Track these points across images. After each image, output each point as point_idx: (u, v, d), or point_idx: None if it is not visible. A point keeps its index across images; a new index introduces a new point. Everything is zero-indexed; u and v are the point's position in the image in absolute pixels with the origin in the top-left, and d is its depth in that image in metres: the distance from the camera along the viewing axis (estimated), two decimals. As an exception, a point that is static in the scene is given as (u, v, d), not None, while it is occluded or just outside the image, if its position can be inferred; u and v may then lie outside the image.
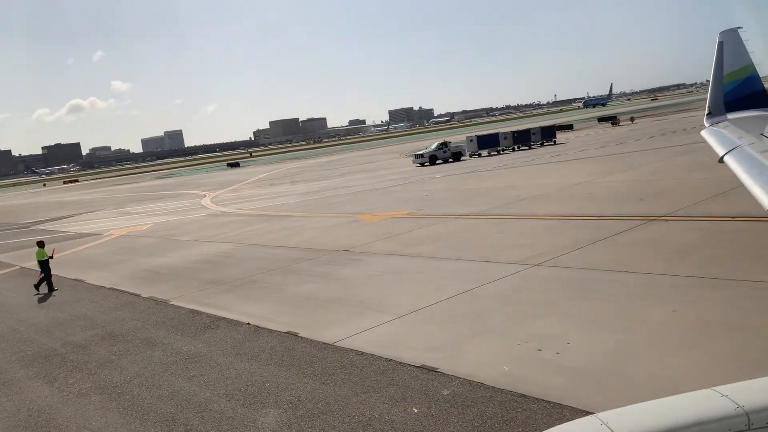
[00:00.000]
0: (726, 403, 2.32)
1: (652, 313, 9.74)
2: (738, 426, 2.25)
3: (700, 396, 2.45)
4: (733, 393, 2.38)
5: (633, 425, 2.30)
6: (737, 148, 8.27)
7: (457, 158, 53.25)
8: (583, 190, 24.00)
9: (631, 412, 2.44)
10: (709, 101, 12.02)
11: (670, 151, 33.75)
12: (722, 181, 20.49)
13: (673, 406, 2.42)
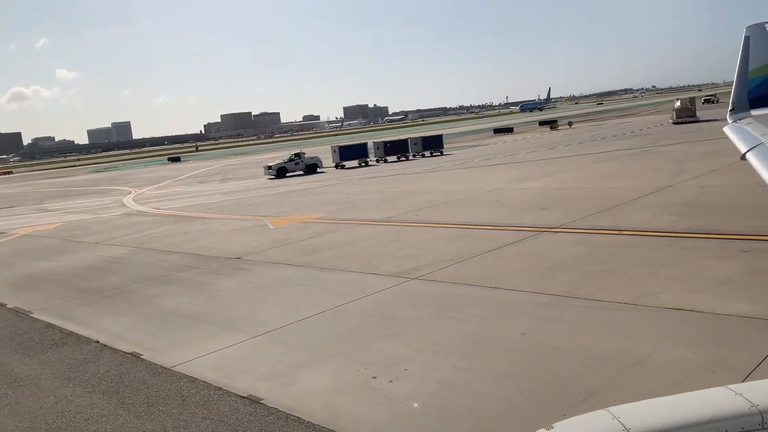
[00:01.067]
0: (740, 402, 2.25)
1: (498, 337, 9.38)
2: (752, 425, 2.18)
3: (714, 394, 2.38)
4: (748, 392, 2.32)
5: (644, 420, 2.21)
6: (760, 145, 7.96)
7: (312, 170, 49.08)
8: (494, 197, 23.84)
9: (643, 406, 2.37)
10: (732, 96, 11.58)
11: (594, 158, 34.12)
12: (632, 191, 20.68)
13: (686, 403, 2.36)
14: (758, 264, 11.41)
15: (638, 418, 2.27)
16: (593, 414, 2.40)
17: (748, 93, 11.39)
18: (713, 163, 25.56)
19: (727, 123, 11.16)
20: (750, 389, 2.40)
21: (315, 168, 49.36)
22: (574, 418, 2.44)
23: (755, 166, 7.31)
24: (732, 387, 2.44)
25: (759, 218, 14.85)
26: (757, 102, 11.23)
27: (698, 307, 9.62)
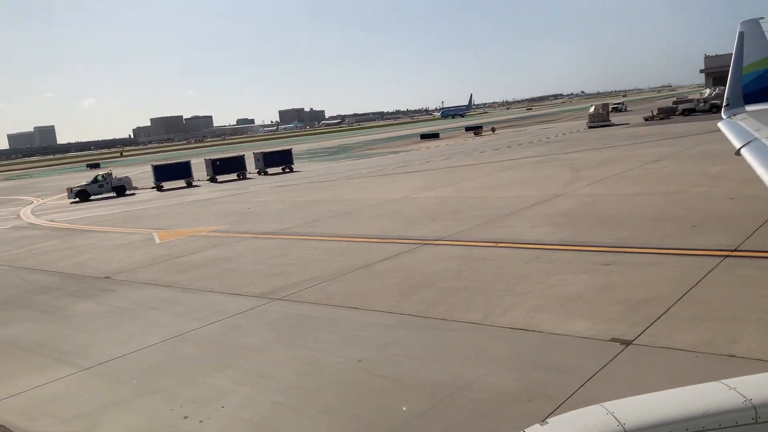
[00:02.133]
0: (734, 396, 2.23)
1: (334, 365, 8.91)
2: (745, 419, 2.16)
3: (708, 388, 2.35)
4: (741, 386, 2.28)
5: (639, 414, 2.17)
6: (754, 141, 7.81)
7: (121, 192, 44.85)
8: (393, 207, 23.54)
9: (638, 402, 2.34)
10: (727, 92, 11.56)
11: (501, 166, 34.48)
12: (523, 200, 20.76)
13: (680, 397, 2.33)
14: (612, 278, 11.41)
15: (632, 413, 2.23)
16: (588, 409, 2.35)
17: (743, 88, 11.46)
18: (609, 170, 26.19)
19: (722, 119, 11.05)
20: (744, 384, 2.36)
21: (123, 190, 45.06)
22: (569, 414, 2.38)
23: (750, 162, 7.20)
24: (726, 381, 2.40)
25: (631, 229, 15.07)
26: (751, 97, 11.25)
27: (541, 326, 9.45)
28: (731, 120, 10.35)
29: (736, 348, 7.85)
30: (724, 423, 2.23)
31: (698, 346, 8.04)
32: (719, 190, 18.74)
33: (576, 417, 2.36)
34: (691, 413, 2.25)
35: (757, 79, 11.32)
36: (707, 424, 2.22)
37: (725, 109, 11.47)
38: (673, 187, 20.31)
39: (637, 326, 8.93)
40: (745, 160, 7.91)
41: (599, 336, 8.79)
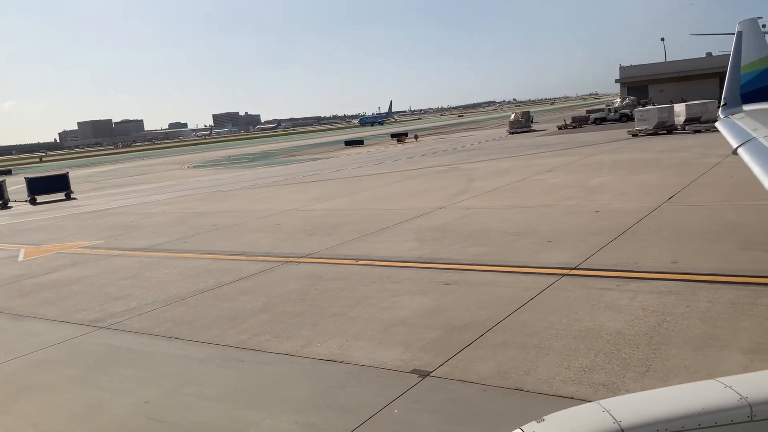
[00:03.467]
0: (729, 394, 2.22)
1: (118, 408, 8.17)
2: (740, 417, 2.15)
3: (704, 386, 2.35)
4: (737, 384, 2.28)
5: (635, 412, 2.16)
6: (751, 141, 7.67)
7: None
8: (279, 219, 22.84)
9: (634, 399, 2.36)
10: (725, 92, 11.40)
11: (404, 176, 34.36)
12: (405, 213, 20.45)
13: (676, 395, 2.34)
14: (445, 299, 11.13)
15: (629, 411, 2.22)
16: (584, 407, 2.35)
17: (740, 88, 11.40)
18: (499, 181, 26.41)
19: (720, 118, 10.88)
20: (739, 382, 2.35)
21: None
22: (565, 411, 2.37)
23: (746, 162, 7.12)
24: (722, 380, 2.39)
25: (490, 244, 14.94)
26: (749, 97, 11.19)
27: (352, 356, 9.00)
28: (729, 119, 10.32)
29: (526, 380, 7.61)
30: (720, 421, 2.21)
31: (492, 378, 7.76)
32: (590, 203, 19.01)
33: (572, 414, 2.34)
34: (686, 411, 2.24)
35: (754, 79, 11.35)
36: (703, 422, 2.21)
37: (723, 109, 11.46)
38: (549, 199, 20.51)
39: (443, 355, 8.61)
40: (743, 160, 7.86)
41: (402, 367, 8.42)
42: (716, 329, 8.42)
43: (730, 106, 11.31)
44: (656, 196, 18.56)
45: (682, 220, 15.30)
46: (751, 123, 8.98)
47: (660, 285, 10.59)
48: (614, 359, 7.89)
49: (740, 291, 9.86)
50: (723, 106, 11.62)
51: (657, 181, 21.72)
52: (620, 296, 10.25)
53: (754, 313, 8.83)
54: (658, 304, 9.68)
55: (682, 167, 24.40)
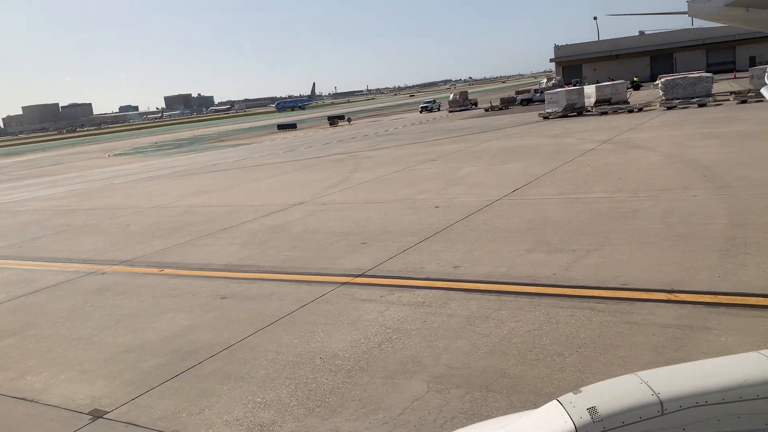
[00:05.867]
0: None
1: None
2: None
3: (745, 359, 2.29)
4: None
5: (674, 384, 2.13)
6: None
7: None
8: (134, 218, 21.77)
9: (673, 371, 2.32)
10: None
11: (299, 165, 33.50)
12: (264, 209, 19.55)
13: (716, 368, 2.28)
14: (204, 318, 10.41)
15: (667, 382, 2.18)
16: (622, 378, 2.30)
17: None
18: (380, 172, 25.83)
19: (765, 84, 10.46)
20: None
21: None
22: (602, 383, 2.32)
23: None
24: (764, 352, 2.31)
25: (308, 248, 14.28)
26: None
27: (48, 394, 8.19)
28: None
29: (190, 422, 6.96)
30: (762, 393, 2.13)
31: (160, 420, 7.09)
32: (438, 197, 18.53)
33: (609, 386, 2.29)
34: (727, 383, 2.17)
35: None
36: (744, 395, 2.13)
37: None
38: (407, 192, 19.97)
39: (138, 390, 7.91)
40: None
41: (84, 407, 7.66)
42: (428, 351, 7.92)
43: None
44: (503, 189, 18.19)
45: (505, 216, 14.91)
46: None
47: (421, 295, 10.10)
48: (302, 390, 7.31)
49: (488, 302, 9.42)
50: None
51: (520, 170, 21.40)
52: (374, 309, 9.71)
53: (478, 330, 8.37)
54: (399, 319, 9.17)
55: (555, 154, 24.17)
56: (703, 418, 2.13)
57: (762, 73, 39.22)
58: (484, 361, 7.47)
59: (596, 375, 6.74)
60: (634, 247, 11.10)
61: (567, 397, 2.25)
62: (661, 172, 17.70)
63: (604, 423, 2.10)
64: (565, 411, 2.18)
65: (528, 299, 9.35)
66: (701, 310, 8.10)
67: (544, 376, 6.91)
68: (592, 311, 8.55)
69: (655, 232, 11.86)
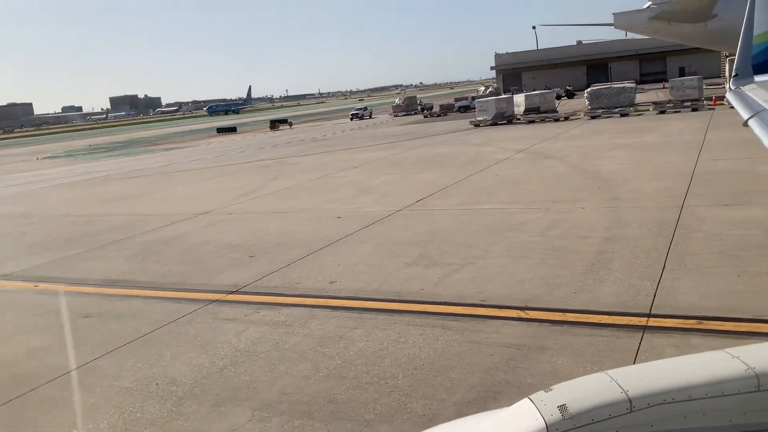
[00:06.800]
0: (737, 365, 2.20)
1: None
2: (748, 387, 2.14)
3: (712, 357, 2.32)
4: (744, 355, 2.27)
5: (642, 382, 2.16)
6: (763, 112, 7.47)
7: None
8: (30, 227, 20.78)
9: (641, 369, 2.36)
10: (736, 62, 10.98)
11: (221, 172, 32.83)
12: (163, 219, 18.96)
13: (683, 366, 2.31)
14: (44, 339, 9.87)
15: (636, 381, 2.22)
16: (592, 376, 2.32)
17: (753, 59, 10.94)
18: (301, 178, 25.48)
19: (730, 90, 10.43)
20: (747, 353, 2.31)
21: None
22: (573, 381, 2.34)
23: (757, 133, 6.91)
24: (729, 350, 2.35)
25: (193, 262, 13.83)
26: (761, 68, 10.72)
27: None
28: (740, 91, 9.99)
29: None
30: (727, 391, 2.15)
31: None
32: (345, 206, 18.33)
33: (580, 383, 2.31)
34: (693, 381, 2.19)
35: (766, 49, 10.89)
36: (710, 392, 2.16)
37: (734, 80, 10.99)
38: (317, 201, 19.70)
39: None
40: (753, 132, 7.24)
41: None
42: (268, 376, 7.66)
43: (741, 77, 10.82)
44: (409, 199, 18.14)
45: (400, 227, 14.82)
46: (763, 94, 8.77)
47: (286, 313, 9.84)
48: (123, 421, 6.93)
49: (348, 320, 9.24)
50: (734, 77, 11.12)
51: (432, 179, 21.42)
52: (232, 330, 9.39)
53: (326, 351, 8.15)
54: (254, 340, 8.88)
55: (470, 164, 24.34)
56: (670, 415, 2.16)
57: (680, 85, 40.73)
58: (319, 385, 7.26)
59: (419, 400, 6.64)
60: (507, 261, 11.13)
61: (538, 395, 2.26)
62: (561, 184, 17.98)
63: (574, 420, 2.12)
64: (537, 409, 2.19)
65: (387, 317, 9.21)
66: (546, 329, 8.11)
67: (371, 401, 6.74)
68: (442, 329, 8.47)
69: (532, 246, 11.94)
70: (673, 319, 7.94)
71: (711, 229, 11.70)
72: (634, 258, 10.49)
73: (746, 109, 8.67)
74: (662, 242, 11.17)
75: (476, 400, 6.48)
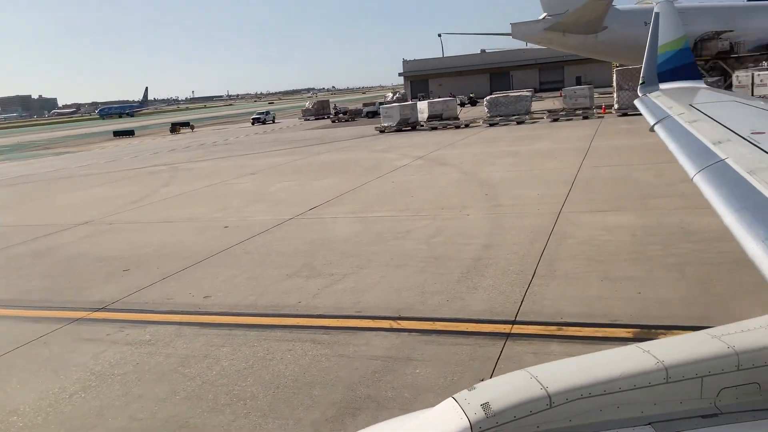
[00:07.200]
0: (647, 359, 2.32)
1: None
2: (658, 379, 2.26)
3: (625, 352, 2.44)
4: (654, 349, 2.38)
5: (561, 378, 2.26)
6: (667, 118, 7.97)
7: None
8: None
9: (560, 366, 2.42)
10: (643, 71, 12.05)
11: (110, 178, 31.13)
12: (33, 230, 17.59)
13: (598, 361, 2.41)
14: None
15: (555, 377, 2.29)
16: (513, 374, 2.38)
17: (658, 67, 11.85)
18: (192, 186, 24.54)
19: (638, 96, 11.11)
20: (657, 346, 2.42)
21: None
22: (495, 379, 2.41)
23: (662, 137, 7.24)
24: (640, 345, 2.44)
25: (56, 277, 12.87)
26: (665, 76, 11.64)
27: None
28: (646, 98, 10.64)
29: None
30: (639, 384, 2.26)
31: None
32: (235, 215, 17.77)
33: (502, 381, 2.37)
34: (608, 376, 2.27)
35: (670, 59, 11.92)
36: (623, 386, 2.26)
37: (641, 87, 11.88)
38: (206, 210, 18.99)
39: None
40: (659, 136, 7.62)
41: None
42: (120, 401, 7.14)
43: (647, 85, 11.76)
44: (303, 207, 17.84)
45: (288, 237, 14.52)
46: (667, 101, 9.38)
47: (152, 331, 9.30)
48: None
49: (217, 337, 8.83)
50: (641, 85, 11.99)
51: (330, 186, 21.22)
52: (91, 351, 8.75)
53: (188, 372, 7.72)
54: (113, 362, 8.30)
55: (369, 170, 24.36)
56: (587, 409, 2.24)
57: (573, 94, 42.84)
58: (174, 409, 6.85)
59: (276, 420, 6.40)
60: (389, 270, 11.10)
61: (462, 395, 2.28)
62: (452, 191, 18.29)
63: (496, 418, 2.17)
64: (461, 408, 2.21)
65: (258, 333, 8.90)
66: (414, 339, 8.09)
67: (225, 424, 6.42)
68: (313, 344, 8.26)
69: (416, 254, 11.99)
70: (536, 326, 8.14)
71: (583, 234, 12.21)
72: (508, 264, 10.74)
73: (652, 115, 9.14)
74: (537, 248, 11.52)
75: (335, 418, 6.32)
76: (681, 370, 2.30)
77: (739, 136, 5.50)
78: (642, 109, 10.49)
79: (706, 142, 5.65)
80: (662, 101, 9.71)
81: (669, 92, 10.78)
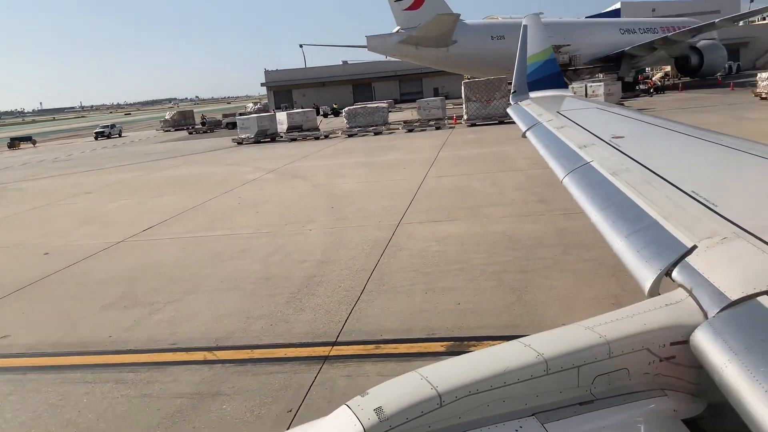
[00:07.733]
0: (528, 353, 2.43)
1: None
2: (538, 372, 2.36)
3: (507, 347, 2.54)
4: (534, 343, 2.49)
5: (449, 377, 2.34)
6: (537, 125, 8.21)
7: None
8: None
9: (448, 365, 2.50)
10: (514, 81, 12.61)
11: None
12: None
13: (484, 358, 2.50)
14: None
15: (444, 376, 2.35)
16: (403, 377, 2.43)
17: (527, 77, 12.39)
18: (18, 208, 22.16)
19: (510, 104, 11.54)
20: (536, 340, 2.51)
21: None
22: (387, 383, 2.43)
23: (534, 143, 7.43)
24: (522, 340, 2.54)
25: None
26: (534, 86, 12.16)
27: None
28: (518, 106, 10.95)
29: None
30: (522, 377, 2.35)
31: None
32: (59, 240, 16.20)
33: (393, 385, 2.39)
34: (494, 371, 2.36)
35: (537, 69, 12.44)
36: (508, 380, 2.35)
37: (513, 96, 12.34)
38: (29, 235, 17.18)
39: None
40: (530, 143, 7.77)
41: None
42: None
43: (519, 94, 12.26)
44: (136, 228, 16.67)
45: (112, 262, 13.43)
46: (537, 109, 9.66)
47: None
48: None
49: (4, 384, 7.78)
50: (513, 94, 12.47)
51: (170, 204, 20.06)
52: None
53: None
54: None
55: (217, 185, 23.42)
56: (476, 406, 2.30)
57: (427, 105, 44.29)
58: (-69, 480, 5.86)
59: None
60: (215, 296, 10.52)
61: (355, 401, 2.30)
62: (299, 205, 17.97)
63: (390, 421, 2.20)
64: (354, 414, 2.24)
65: (56, 375, 8.00)
66: (227, 370, 7.63)
67: (-11, 493, 5.57)
68: (115, 384, 7.53)
69: (249, 275, 11.51)
70: (355, 346, 8.01)
71: (416, 246, 12.38)
72: (340, 281, 10.59)
73: (523, 123, 9.51)
74: (371, 262, 11.49)
75: (122, 471, 5.71)
76: (559, 362, 2.42)
77: (602, 140, 5.91)
78: (514, 116, 10.89)
79: (573, 146, 6.04)
80: (532, 109, 10.17)
81: (538, 100, 11.30)
